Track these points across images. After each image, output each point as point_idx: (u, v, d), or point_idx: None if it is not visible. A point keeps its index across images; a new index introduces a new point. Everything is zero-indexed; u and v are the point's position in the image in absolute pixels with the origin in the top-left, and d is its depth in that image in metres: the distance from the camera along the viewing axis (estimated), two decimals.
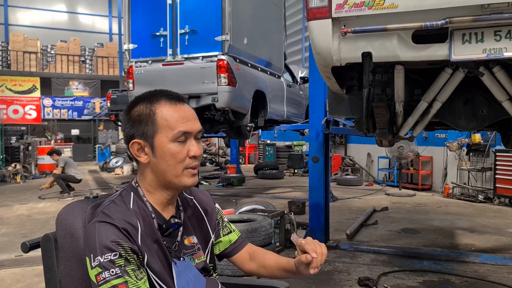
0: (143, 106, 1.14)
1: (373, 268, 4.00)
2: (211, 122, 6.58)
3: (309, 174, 4.96)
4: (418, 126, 2.90)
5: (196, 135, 1.16)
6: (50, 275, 1.09)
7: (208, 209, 1.33)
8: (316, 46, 2.14)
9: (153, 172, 1.15)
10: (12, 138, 14.38)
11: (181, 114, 1.13)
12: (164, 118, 1.12)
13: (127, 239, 1.04)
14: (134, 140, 1.14)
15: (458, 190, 8.23)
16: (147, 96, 1.16)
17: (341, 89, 2.64)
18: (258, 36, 6.70)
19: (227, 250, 1.37)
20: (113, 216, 1.07)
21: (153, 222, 1.14)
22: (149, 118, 1.12)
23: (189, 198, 1.30)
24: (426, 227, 5.73)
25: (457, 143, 7.97)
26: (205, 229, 1.29)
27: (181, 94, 1.19)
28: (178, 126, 1.12)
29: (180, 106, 1.15)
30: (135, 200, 1.14)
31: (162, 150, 1.12)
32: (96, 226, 1.05)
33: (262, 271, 1.35)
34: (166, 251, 1.13)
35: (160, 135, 1.12)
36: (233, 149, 12.58)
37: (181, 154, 1.13)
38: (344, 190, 9.38)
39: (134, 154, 1.15)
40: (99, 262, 1.00)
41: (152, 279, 1.08)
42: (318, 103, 4.74)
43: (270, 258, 1.33)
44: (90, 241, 1.04)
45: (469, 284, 3.61)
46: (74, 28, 22.02)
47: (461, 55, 1.96)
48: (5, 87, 18.83)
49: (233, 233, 1.39)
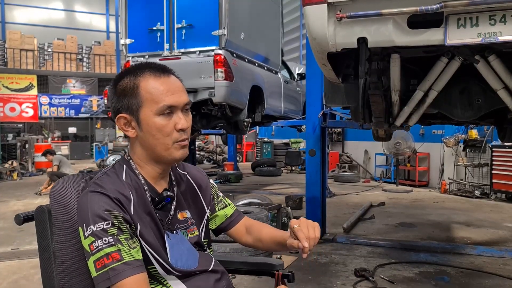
0: (128, 80, 1.12)
1: (369, 260, 4.01)
2: (208, 117, 6.58)
3: (306, 167, 4.97)
4: (414, 116, 2.90)
5: (184, 108, 1.14)
6: (44, 247, 1.09)
7: (202, 184, 1.32)
8: (312, 31, 2.14)
9: (142, 146, 1.15)
10: (9, 135, 14.34)
11: (166, 86, 1.11)
12: (148, 92, 1.10)
13: (120, 208, 1.04)
14: (120, 114, 1.13)
15: (455, 186, 8.25)
16: (132, 69, 1.14)
17: (337, 78, 2.64)
18: (255, 32, 6.70)
19: (223, 224, 1.37)
20: (106, 186, 1.06)
21: (146, 194, 1.13)
22: (133, 91, 1.11)
23: (182, 174, 1.29)
24: (423, 221, 5.75)
25: (454, 139, 7.99)
26: (200, 204, 1.29)
27: (166, 66, 1.16)
28: (163, 100, 1.09)
29: (165, 78, 1.12)
30: (127, 173, 1.14)
31: (147, 124, 1.10)
32: (88, 196, 1.05)
33: (258, 245, 1.36)
34: (159, 223, 1.13)
35: (145, 109, 1.10)
36: (230, 147, 12.57)
37: (168, 128, 1.11)
38: (341, 186, 9.39)
39: (121, 128, 1.14)
40: (92, 231, 1.00)
41: (146, 250, 1.07)
42: (315, 97, 4.75)
43: (266, 232, 1.34)
44: (83, 211, 1.04)
45: (465, 275, 3.62)
46: (71, 26, 21.96)
47: (456, 40, 1.97)
48: (2, 85, 18.76)
49: (228, 207, 1.39)
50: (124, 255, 0.99)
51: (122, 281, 0.97)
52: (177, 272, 1.12)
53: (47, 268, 1.08)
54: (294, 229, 1.15)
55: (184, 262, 1.15)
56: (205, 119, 6.65)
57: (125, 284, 0.97)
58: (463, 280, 3.50)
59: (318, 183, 4.80)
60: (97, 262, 0.99)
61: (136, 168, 1.16)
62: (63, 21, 22.16)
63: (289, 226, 1.19)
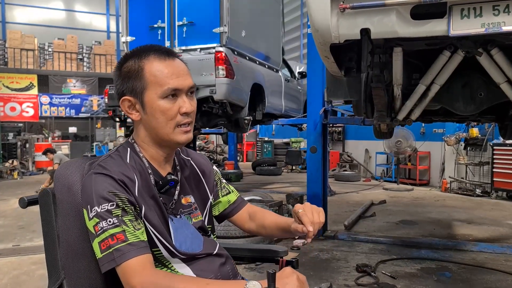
0: (132, 62, 1.11)
1: (371, 256, 4.00)
2: (209, 115, 6.58)
3: (307, 164, 4.96)
4: (416, 110, 2.90)
5: (188, 91, 1.13)
6: (48, 229, 1.08)
7: (206, 170, 1.32)
8: (315, 22, 2.14)
9: (146, 129, 1.14)
10: (9, 135, 14.34)
11: (170, 69, 1.10)
12: (153, 74, 1.09)
13: (124, 190, 1.04)
14: (124, 97, 1.13)
15: (455, 185, 8.24)
16: (136, 51, 1.13)
17: (339, 71, 2.63)
18: (256, 30, 6.70)
19: (227, 210, 1.36)
20: (110, 168, 1.06)
21: (150, 177, 1.13)
22: (137, 74, 1.10)
23: (186, 159, 1.29)
24: (424, 219, 5.74)
25: (455, 138, 7.99)
26: (203, 190, 1.29)
27: (171, 50, 1.15)
28: (167, 83, 1.08)
29: (170, 61, 1.11)
30: (131, 156, 1.14)
31: (151, 107, 1.10)
32: (92, 177, 1.05)
33: (261, 231, 1.34)
34: (163, 207, 1.13)
35: (149, 92, 1.09)
36: (231, 146, 12.57)
37: (172, 111, 1.10)
38: (342, 185, 9.39)
39: (125, 111, 1.14)
40: (96, 212, 1.00)
41: (150, 232, 1.07)
42: (316, 94, 4.74)
43: (269, 218, 1.33)
44: (87, 192, 1.03)
45: (467, 270, 3.61)
46: (72, 26, 21.96)
47: (459, 30, 1.96)
48: (2, 85, 18.73)
49: (232, 193, 1.38)
50: (129, 236, 0.99)
51: (127, 262, 0.97)
52: (181, 255, 1.12)
53: (51, 250, 1.07)
54: (298, 213, 1.15)
55: (188, 245, 1.14)
56: (206, 117, 6.65)
57: (130, 265, 0.97)
58: (465, 275, 3.49)
59: (319, 180, 4.79)
60: (101, 243, 0.98)
61: (140, 152, 1.15)
62: (63, 21, 22.16)
63: (293, 211, 1.19)
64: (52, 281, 1.06)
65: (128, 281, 0.96)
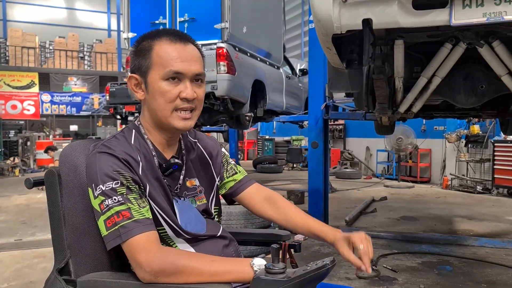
0: (146, 42, 1.13)
1: None
2: (210, 112, 6.58)
3: (308, 160, 4.97)
4: (418, 102, 2.90)
5: (193, 78, 1.12)
6: (54, 209, 1.09)
7: (213, 152, 1.32)
8: (317, 13, 2.14)
9: (148, 110, 1.15)
10: (11, 132, 14.36)
11: (178, 53, 1.10)
12: (159, 55, 1.10)
13: (128, 169, 1.05)
14: (131, 74, 1.14)
15: (456, 182, 8.25)
16: (153, 32, 1.15)
17: (341, 63, 2.64)
18: (258, 26, 6.70)
19: (233, 188, 1.33)
20: (114, 148, 1.07)
21: (154, 160, 1.13)
22: (146, 53, 1.11)
23: (193, 141, 1.29)
24: (425, 215, 5.75)
25: (456, 135, 7.99)
26: (210, 172, 1.29)
27: (187, 36, 1.15)
28: (171, 65, 1.08)
29: (180, 45, 1.11)
30: (136, 137, 1.14)
31: (153, 87, 1.10)
32: (97, 156, 1.05)
33: (282, 221, 1.30)
34: (167, 189, 1.14)
35: (153, 72, 1.10)
36: (232, 143, 12.57)
37: (171, 94, 1.09)
38: (343, 182, 9.39)
39: (131, 89, 1.15)
40: (102, 190, 1.01)
41: (155, 211, 1.08)
42: (318, 89, 4.75)
43: (298, 216, 1.30)
44: (91, 171, 1.04)
45: (468, 264, 3.62)
46: (73, 24, 21.98)
47: (461, 20, 1.97)
48: (3, 83, 18.76)
49: (238, 174, 1.36)
50: (134, 213, 1.00)
51: (133, 238, 0.98)
52: (186, 235, 1.13)
53: (57, 230, 1.08)
54: (360, 251, 1.12)
55: (193, 226, 1.15)
56: (207, 114, 6.65)
57: (136, 241, 0.98)
58: (466, 269, 3.50)
59: (320, 176, 4.80)
60: (107, 221, 0.99)
61: (145, 133, 1.16)
62: (64, 19, 22.18)
63: (352, 242, 1.14)
64: (58, 260, 1.07)
65: (135, 257, 0.97)
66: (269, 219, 1.32)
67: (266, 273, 0.88)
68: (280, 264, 0.88)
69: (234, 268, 0.96)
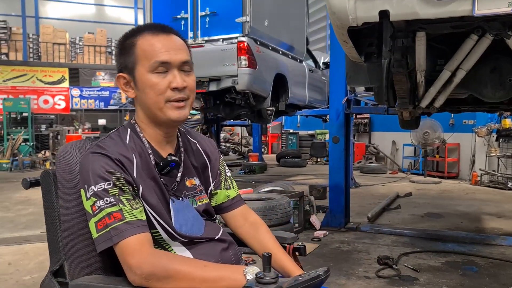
0: (128, 39, 1.11)
1: (393, 249, 3.90)
2: (231, 106, 6.57)
3: (329, 155, 4.88)
4: (441, 97, 2.77)
5: (181, 67, 1.10)
6: (50, 210, 1.09)
7: (212, 156, 1.29)
8: (332, 5, 2.06)
9: (142, 108, 1.13)
10: (42, 126, 14.82)
11: (161, 44, 1.08)
12: (143, 49, 1.08)
13: (121, 169, 1.02)
14: (119, 74, 1.12)
15: (486, 178, 7.96)
16: (134, 29, 1.13)
17: (359, 56, 2.54)
18: (280, 19, 6.62)
19: (223, 205, 1.29)
20: (107, 148, 1.05)
21: (150, 158, 1.11)
22: (130, 50, 1.09)
23: (192, 142, 1.26)
24: (451, 212, 5.56)
25: (486, 129, 7.69)
26: (207, 175, 1.26)
27: (169, 27, 1.13)
28: (156, 56, 1.07)
29: (163, 36, 1.09)
30: (131, 136, 1.12)
31: (142, 82, 1.08)
32: (89, 157, 1.04)
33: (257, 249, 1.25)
34: (164, 188, 1.11)
35: (139, 67, 1.08)
36: (255, 137, 12.56)
37: (160, 86, 1.07)
38: (368, 177, 9.22)
39: (121, 89, 1.13)
40: (93, 191, 0.99)
41: (148, 212, 1.05)
42: (339, 83, 4.64)
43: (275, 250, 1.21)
44: (84, 172, 1.03)
45: (495, 265, 3.47)
46: (101, 20, 22.40)
47: (485, 10, 1.85)
48: (36, 78, 19.33)
49: (232, 189, 1.31)
50: (126, 215, 0.98)
51: (124, 240, 0.95)
52: (181, 238, 1.10)
53: (52, 231, 1.08)
54: None
55: (189, 228, 1.12)
56: (229, 108, 6.65)
57: (127, 244, 0.95)
58: (493, 270, 3.36)
59: (341, 171, 4.70)
60: (98, 223, 0.98)
61: (140, 132, 1.14)
62: (93, 15, 22.62)
63: None
64: (53, 261, 1.06)
65: (126, 260, 0.95)
66: (248, 244, 1.28)
67: (256, 283, 0.84)
68: (271, 273, 0.84)
69: (226, 275, 0.93)
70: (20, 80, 18.82)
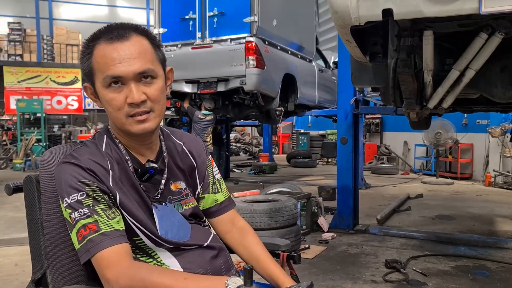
0: (87, 45, 1.02)
1: (402, 252, 3.82)
2: (240, 106, 6.54)
3: (337, 155, 4.81)
4: (449, 97, 2.69)
5: (139, 77, 0.99)
6: (32, 217, 1.06)
7: (199, 158, 1.23)
8: (333, 4, 2.01)
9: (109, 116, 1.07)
10: (55, 127, 15.00)
11: (114, 55, 0.97)
12: (97, 61, 0.99)
13: (94, 178, 0.98)
14: (85, 83, 1.06)
15: (500, 179, 7.78)
16: (95, 33, 1.03)
17: (363, 56, 2.48)
18: (288, 19, 6.56)
19: (211, 209, 1.24)
20: (80, 157, 1.00)
21: (128, 165, 1.06)
22: (89, 59, 1.01)
23: (178, 143, 1.20)
24: (463, 214, 5.44)
25: (501, 129, 7.51)
26: (194, 178, 1.21)
27: (128, 28, 1.02)
28: (107, 69, 0.97)
29: (117, 44, 0.98)
30: (108, 143, 1.07)
31: (100, 96, 1.02)
32: (61, 167, 1.00)
33: (246, 258, 1.20)
34: (145, 195, 1.06)
35: (96, 80, 1.01)
36: (265, 137, 12.51)
37: (117, 101, 0.99)
38: (379, 178, 9.10)
39: (90, 98, 1.08)
40: (67, 203, 0.96)
41: (128, 220, 1.02)
42: (347, 83, 4.54)
43: (262, 256, 1.18)
44: (58, 183, 1.00)
45: (507, 270, 3.37)
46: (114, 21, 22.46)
47: (492, 7, 1.77)
48: (50, 79, 19.57)
49: (220, 193, 1.25)
50: (101, 225, 0.94)
51: (101, 252, 0.92)
52: (167, 244, 1.06)
53: (35, 239, 1.05)
54: None
55: (175, 233, 1.08)
56: (237, 108, 6.62)
57: (104, 256, 0.92)
58: (505, 275, 3.26)
59: (349, 172, 4.63)
60: (78, 234, 0.95)
61: (116, 138, 1.08)
62: (106, 17, 22.80)
63: None
64: (35, 270, 1.04)
65: (103, 273, 0.92)
66: (235, 251, 1.23)
67: None
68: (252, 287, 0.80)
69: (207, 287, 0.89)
70: (34, 81, 19.10)
